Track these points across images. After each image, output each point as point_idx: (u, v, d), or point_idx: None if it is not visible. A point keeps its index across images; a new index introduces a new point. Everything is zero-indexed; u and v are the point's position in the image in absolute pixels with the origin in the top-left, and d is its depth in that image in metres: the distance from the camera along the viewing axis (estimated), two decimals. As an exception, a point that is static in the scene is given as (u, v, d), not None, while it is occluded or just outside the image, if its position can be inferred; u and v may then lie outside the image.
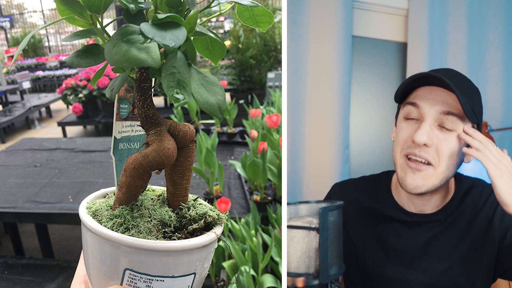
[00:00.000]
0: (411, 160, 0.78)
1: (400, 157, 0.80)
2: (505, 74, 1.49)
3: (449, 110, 0.75)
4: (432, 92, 0.77)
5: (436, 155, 0.76)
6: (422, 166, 0.77)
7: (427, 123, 0.76)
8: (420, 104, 0.77)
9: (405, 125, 0.80)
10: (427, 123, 0.76)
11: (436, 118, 0.76)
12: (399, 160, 0.81)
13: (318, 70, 1.38)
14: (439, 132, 0.76)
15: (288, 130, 1.39)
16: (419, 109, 0.77)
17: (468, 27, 1.44)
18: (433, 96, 0.77)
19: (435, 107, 0.76)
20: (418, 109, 0.77)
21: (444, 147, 0.76)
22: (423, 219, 0.84)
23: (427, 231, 0.83)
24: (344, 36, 1.36)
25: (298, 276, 0.69)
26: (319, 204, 0.75)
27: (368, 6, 1.47)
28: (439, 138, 0.76)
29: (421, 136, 0.75)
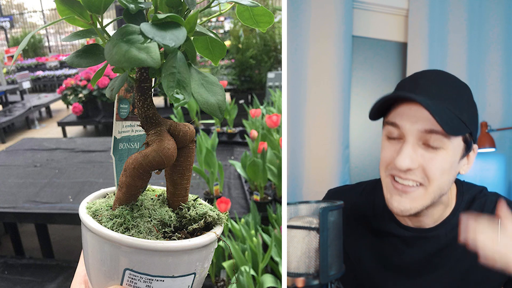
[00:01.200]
0: (397, 181, 0.72)
1: (385, 177, 0.74)
2: (505, 74, 1.49)
3: (432, 128, 0.67)
4: (412, 108, 0.69)
5: (425, 175, 0.69)
6: (410, 188, 0.70)
7: (408, 144, 0.69)
8: (400, 124, 0.70)
9: (387, 145, 0.73)
10: (409, 144, 0.69)
11: (418, 137, 0.68)
12: (384, 180, 0.75)
13: (318, 70, 1.38)
14: (424, 151, 0.69)
15: (288, 130, 1.39)
16: (400, 128, 0.70)
17: (468, 27, 1.44)
18: (413, 113, 0.68)
19: (416, 125, 0.68)
20: (399, 129, 0.70)
21: (432, 166, 0.68)
22: (422, 234, 0.78)
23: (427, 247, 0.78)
24: (344, 36, 1.36)
25: (298, 276, 0.69)
26: (319, 204, 0.75)
27: (368, 6, 1.47)
28: (425, 158, 0.69)
29: (402, 161, 0.68)
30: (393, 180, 0.72)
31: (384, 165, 0.74)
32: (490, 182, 1.50)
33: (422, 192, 0.70)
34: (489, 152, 1.50)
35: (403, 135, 0.70)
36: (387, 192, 0.74)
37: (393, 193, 0.72)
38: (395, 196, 0.72)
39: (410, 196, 0.71)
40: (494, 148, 1.45)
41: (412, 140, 0.69)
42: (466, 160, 0.74)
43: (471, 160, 0.75)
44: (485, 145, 1.44)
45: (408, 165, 0.68)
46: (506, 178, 1.52)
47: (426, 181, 0.69)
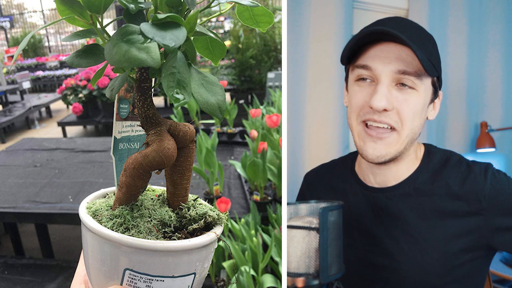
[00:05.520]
0: (370, 127, 0.71)
1: (357, 125, 0.73)
2: (505, 74, 1.49)
3: (405, 70, 0.67)
4: (383, 49, 0.68)
5: (398, 119, 0.69)
6: (384, 133, 0.70)
7: (383, 84, 0.68)
8: (372, 66, 0.69)
9: (358, 89, 0.72)
10: (383, 84, 0.68)
11: (392, 78, 0.68)
12: (356, 128, 0.73)
13: (318, 70, 1.38)
14: (398, 92, 0.68)
15: (288, 130, 1.39)
16: (372, 70, 0.69)
17: (468, 27, 1.44)
18: (385, 54, 0.68)
19: (389, 66, 0.67)
20: (371, 71, 0.69)
21: (406, 108, 0.68)
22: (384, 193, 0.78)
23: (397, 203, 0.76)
24: (344, 36, 1.36)
25: (298, 276, 0.69)
26: (319, 204, 0.75)
27: (368, 6, 1.47)
28: (399, 99, 0.68)
29: (379, 101, 0.67)
30: (365, 127, 0.72)
31: (356, 111, 0.73)
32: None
33: (396, 137, 0.70)
34: (489, 152, 1.50)
35: (376, 77, 0.69)
36: (359, 140, 0.73)
37: (367, 140, 0.72)
38: (369, 143, 0.72)
39: (384, 142, 0.70)
40: (494, 148, 1.45)
41: (386, 82, 0.68)
42: (433, 106, 0.75)
43: (437, 106, 0.76)
44: (485, 145, 1.44)
45: (384, 105, 0.67)
46: (506, 178, 1.52)
47: (399, 125, 0.69)
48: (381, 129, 0.70)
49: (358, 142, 0.74)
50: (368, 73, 0.70)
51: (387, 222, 0.78)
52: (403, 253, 0.76)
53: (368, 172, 0.80)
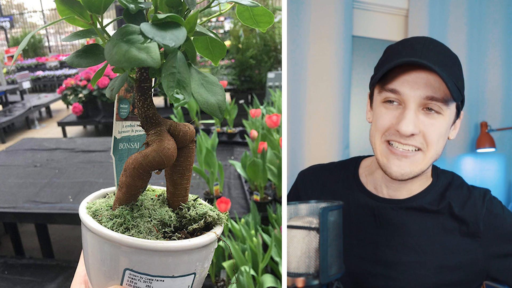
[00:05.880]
0: (395, 147, 0.73)
1: (380, 143, 0.75)
2: (505, 74, 1.49)
3: (433, 96, 0.69)
4: (412, 75, 0.70)
5: (424, 141, 0.71)
6: (410, 153, 0.72)
7: (411, 110, 0.70)
8: (400, 90, 0.71)
9: (385, 111, 0.74)
10: (411, 110, 0.70)
11: (420, 103, 0.70)
12: (379, 146, 0.76)
13: (318, 70, 1.38)
14: (424, 117, 0.71)
15: (288, 130, 1.38)
16: (400, 95, 0.71)
17: (468, 27, 1.44)
18: (414, 79, 0.70)
19: (417, 92, 0.69)
20: (399, 95, 0.71)
21: (432, 132, 0.71)
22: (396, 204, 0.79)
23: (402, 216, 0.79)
24: (344, 36, 1.36)
25: (298, 276, 0.69)
26: (319, 204, 0.75)
27: (368, 6, 1.47)
28: (425, 123, 0.71)
29: (407, 126, 0.70)
30: (389, 145, 0.74)
31: (382, 131, 0.75)
32: (490, 182, 1.50)
33: (422, 156, 0.72)
34: (489, 152, 1.50)
35: (403, 101, 0.71)
36: (382, 157, 0.75)
37: (390, 157, 0.73)
38: (393, 161, 0.73)
39: (410, 160, 0.72)
40: (494, 148, 1.45)
41: (413, 107, 0.70)
42: (454, 126, 0.77)
43: (457, 126, 0.78)
44: (485, 145, 1.44)
45: (412, 130, 0.70)
46: (506, 178, 1.52)
47: (425, 146, 0.72)
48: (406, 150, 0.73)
49: (381, 160, 0.76)
50: (395, 97, 0.72)
51: (389, 232, 0.80)
52: (401, 263, 0.78)
53: (382, 183, 0.81)
